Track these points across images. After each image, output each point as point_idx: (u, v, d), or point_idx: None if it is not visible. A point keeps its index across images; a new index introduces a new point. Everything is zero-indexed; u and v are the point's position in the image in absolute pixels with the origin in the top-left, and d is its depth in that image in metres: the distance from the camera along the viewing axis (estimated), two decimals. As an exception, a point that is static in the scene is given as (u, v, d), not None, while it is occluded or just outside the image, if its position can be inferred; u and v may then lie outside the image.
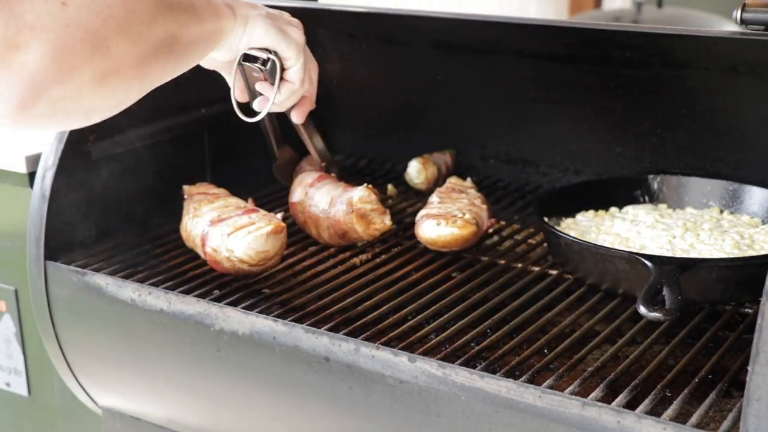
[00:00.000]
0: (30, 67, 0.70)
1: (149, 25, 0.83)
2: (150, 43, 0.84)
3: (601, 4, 4.44)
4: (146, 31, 0.83)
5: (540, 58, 1.57)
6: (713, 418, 1.02)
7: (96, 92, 0.78)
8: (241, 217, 1.32)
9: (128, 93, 0.84)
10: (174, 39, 0.89)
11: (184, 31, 0.91)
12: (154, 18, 0.84)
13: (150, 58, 0.85)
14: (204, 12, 0.96)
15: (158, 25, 0.85)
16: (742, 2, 1.13)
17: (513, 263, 1.38)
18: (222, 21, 1.01)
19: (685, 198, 1.46)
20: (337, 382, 1.11)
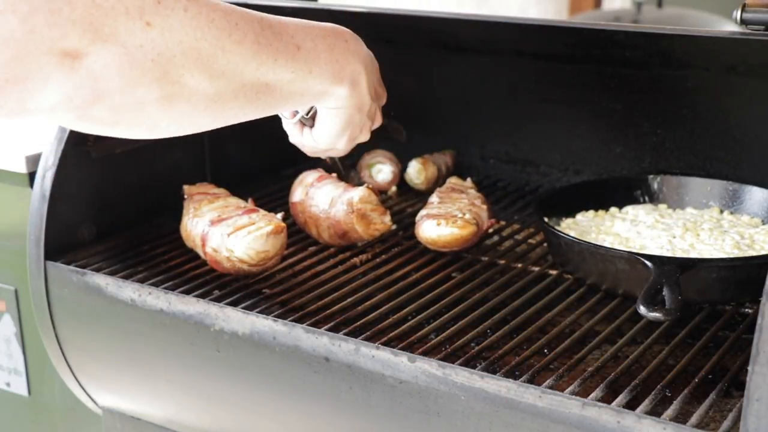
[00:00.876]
0: (95, 73, 0.68)
1: (238, 68, 0.78)
2: (233, 85, 0.79)
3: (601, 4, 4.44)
4: (232, 73, 0.78)
5: (540, 58, 1.57)
6: (713, 418, 1.02)
7: (161, 113, 0.75)
8: (241, 217, 1.32)
9: (197, 123, 0.81)
10: (266, 88, 0.84)
11: (283, 85, 0.85)
12: (246, 62, 0.79)
13: (229, 98, 0.80)
14: (322, 72, 0.90)
15: (250, 70, 0.80)
16: (742, 2, 1.13)
17: (513, 263, 1.38)
18: (337, 88, 0.94)
19: (685, 198, 1.46)
20: (337, 382, 1.11)
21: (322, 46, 0.91)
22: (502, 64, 1.63)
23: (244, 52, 0.79)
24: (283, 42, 0.84)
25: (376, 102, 1.05)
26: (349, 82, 0.95)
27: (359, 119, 1.02)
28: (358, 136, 1.06)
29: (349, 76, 0.95)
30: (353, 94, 0.97)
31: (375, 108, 1.05)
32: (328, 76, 0.91)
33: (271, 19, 0.85)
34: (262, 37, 0.81)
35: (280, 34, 0.84)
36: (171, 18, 0.71)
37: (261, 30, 0.81)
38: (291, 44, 0.85)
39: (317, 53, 0.90)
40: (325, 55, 0.91)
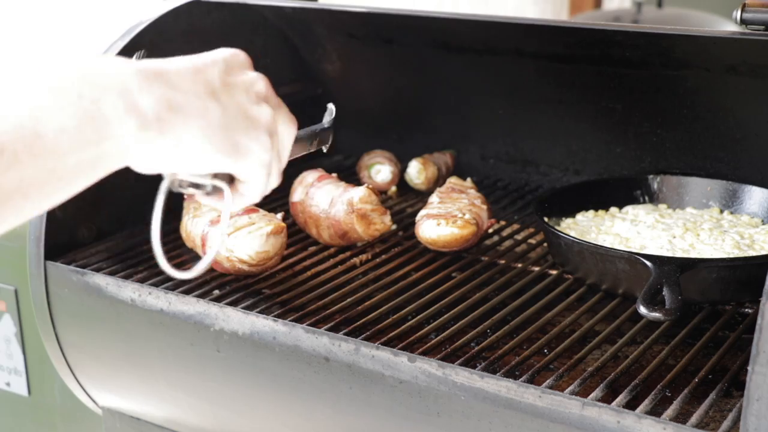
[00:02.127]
0: None
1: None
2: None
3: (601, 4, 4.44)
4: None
5: (540, 58, 1.57)
6: (713, 418, 1.02)
7: None
8: (242, 217, 1.32)
9: None
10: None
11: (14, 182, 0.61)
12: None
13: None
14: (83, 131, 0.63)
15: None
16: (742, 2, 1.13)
17: (513, 263, 1.38)
18: (108, 142, 0.65)
19: (685, 198, 1.46)
20: (337, 382, 1.11)
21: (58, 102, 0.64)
22: (502, 64, 1.63)
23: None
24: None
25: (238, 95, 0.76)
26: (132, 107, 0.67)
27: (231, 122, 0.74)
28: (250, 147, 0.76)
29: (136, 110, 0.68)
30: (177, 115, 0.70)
31: (240, 104, 0.76)
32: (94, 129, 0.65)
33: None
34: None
35: None
36: None
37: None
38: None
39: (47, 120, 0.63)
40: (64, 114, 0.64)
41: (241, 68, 0.78)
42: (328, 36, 1.74)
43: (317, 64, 1.80)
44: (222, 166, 0.74)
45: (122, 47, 1.44)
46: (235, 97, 0.75)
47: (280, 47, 1.74)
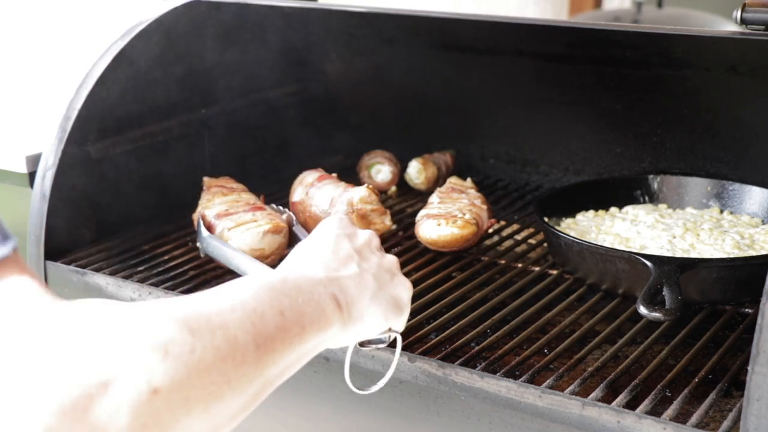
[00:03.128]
0: None
1: (240, 393, 0.67)
2: (233, 409, 0.67)
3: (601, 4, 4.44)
4: (235, 400, 0.66)
5: (540, 58, 1.57)
6: (713, 418, 1.02)
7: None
8: (246, 213, 1.34)
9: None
10: (265, 387, 0.72)
11: (283, 368, 0.73)
12: (249, 382, 0.67)
13: (231, 422, 0.69)
14: (312, 330, 0.75)
15: (252, 385, 0.68)
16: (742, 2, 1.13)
17: (513, 263, 1.38)
18: (326, 332, 0.78)
19: (685, 198, 1.46)
20: (337, 382, 1.11)
21: (302, 299, 0.76)
22: (502, 64, 1.63)
23: (248, 370, 0.67)
24: (273, 326, 0.71)
25: (371, 256, 0.88)
26: (350, 311, 0.81)
27: (389, 290, 0.88)
28: (407, 302, 0.90)
29: (338, 303, 0.80)
30: (365, 303, 0.83)
31: (377, 262, 0.88)
32: (320, 323, 0.77)
33: (253, 303, 0.70)
34: (259, 339, 0.68)
35: (264, 318, 0.70)
36: (180, 373, 0.59)
37: (255, 334, 0.68)
38: (280, 325, 0.72)
39: (302, 312, 0.75)
40: (309, 308, 0.76)
41: (353, 231, 0.90)
42: (328, 36, 1.74)
43: (317, 64, 1.80)
44: (391, 322, 0.88)
45: (122, 47, 1.44)
46: (370, 259, 0.87)
47: (280, 47, 1.74)
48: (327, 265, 0.82)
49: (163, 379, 0.57)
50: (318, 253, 0.84)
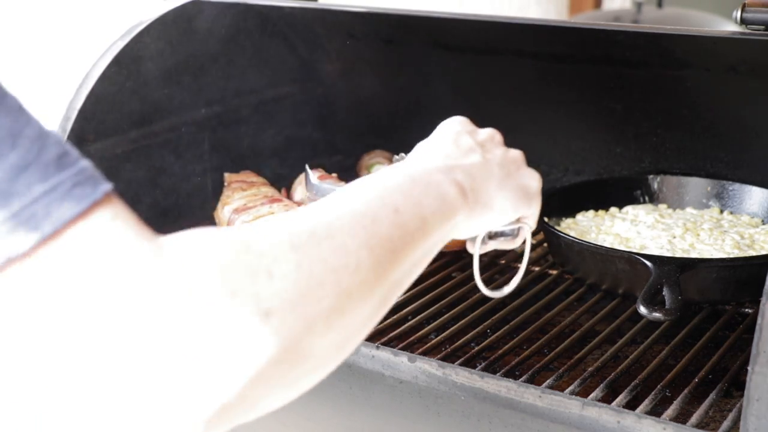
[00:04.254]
0: (215, 407, 0.53)
1: (362, 303, 0.63)
2: (360, 320, 0.64)
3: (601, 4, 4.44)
4: (358, 311, 0.63)
5: (540, 58, 1.57)
6: (713, 418, 1.02)
7: (284, 398, 0.64)
8: (264, 206, 1.37)
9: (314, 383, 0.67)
10: (391, 292, 0.68)
11: (408, 268, 0.69)
12: (369, 291, 0.64)
13: (363, 330, 0.66)
14: (435, 220, 0.71)
15: (374, 294, 0.64)
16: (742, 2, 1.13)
17: (513, 263, 1.38)
18: (451, 221, 0.74)
19: (685, 198, 1.46)
20: (337, 382, 1.11)
21: (418, 191, 0.73)
22: (502, 64, 1.63)
23: (366, 276, 0.63)
24: (388, 224, 0.67)
25: (495, 149, 0.87)
26: (475, 198, 0.79)
27: (516, 180, 0.86)
28: (537, 192, 0.89)
29: (463, 192, 0.77)
30: (491, 190, 0.81)
31: (502, 154, 0.87)
32: (443, 214, 0.74)
33: (360, 207, 0.67)
34: (373, 242, 0.65)
35: (377, 219, 0.67)
36: (289, 292, 0.57)
37: (368, 237, 0.65)
38: (397, 223, 0.68)
39: (421, 204, 0.71)
40: (428, 199, 0.73)
41: (474, 128, 0.88)
42: (328, 36, 1.74)
43: (317, 64, 1.80)
44: (521, 210, 0.85)
45: (122, 47, 1.44)
46: (493, 150, 0.85)
47: (280, 47, 1.74)
48: (447, 155, 0.79)
49: (271, 300, 0.55)
50: (438, 146, 0.81)
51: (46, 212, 0.48)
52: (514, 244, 0.91)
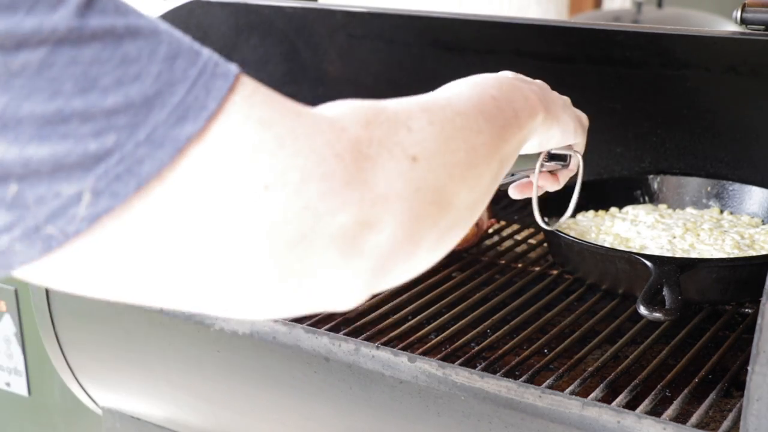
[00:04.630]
0: (383, 248, 0.56)
1: (487, 163, 0.69)
2: (485, 182, 0.70)
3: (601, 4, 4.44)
4: (484, 171, 0.69)
5: (540, 58, 1.57)
6: (713, 418, 1.02)
7: (429, 256, 0.64)
8: None
9: (451, 246, 0.68)
10: (501, 166, 0.74)
11: (510, 150, 0.75)
12: (491, 153, 0.70)
13: (485, 198, 0.72)
14: (523, 116, 0.78)
15: (494, 159, 0.71)
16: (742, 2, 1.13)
17: (513, 263, 1.38)
18: (535, 121, 0.82)
19: (685, 198, 1.46)
20: (337, 382, 1.11)
21: (506, 90, 0.79)
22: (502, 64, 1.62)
23: (487, 144, 0.69)
24: (492, 107, 0.74)
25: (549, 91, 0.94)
26: (551, 110, 0.87)
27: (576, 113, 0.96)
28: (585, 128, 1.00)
29: (543, 102, 0.86)
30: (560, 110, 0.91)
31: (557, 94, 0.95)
32: (529, 113, 0.81)
33: (467, 91, 0.74)
34: (486, 115, 0.71)
35: (483, 100, 0.74)
36: (428, 141, 0.61)
37: (480, 111, 0.71)
38: (498, 107, 0.75)
39: (511, 98, 0.79)
40: (516, 95, 0.80)
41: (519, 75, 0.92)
42: (328, 36, 1.74)
43: (317, 64, 1.80)
44: (576, 136, 0.94)
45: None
46: (548, 91, 0.92)
47: (280, 47, 1.74)
48: (516, 76, 0.86)
49: (415, 148, 0.60)
50: (499, 77, 0.86)
51: (206, 91, 0.51)
52: (563, 175, 1.01)
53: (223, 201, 0.51)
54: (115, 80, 0.49)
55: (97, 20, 0.49)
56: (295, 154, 0.53)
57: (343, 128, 0.56)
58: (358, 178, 0.55)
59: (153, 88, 0.50)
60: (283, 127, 0.53)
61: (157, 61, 0.50)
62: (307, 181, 0.52)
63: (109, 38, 0.49)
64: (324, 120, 0.56)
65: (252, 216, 0.51)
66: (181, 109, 0.50)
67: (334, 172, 0.53)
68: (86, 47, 0.48)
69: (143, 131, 0.49)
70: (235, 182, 0.51)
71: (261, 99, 0.54)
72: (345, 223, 0.54)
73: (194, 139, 0.50)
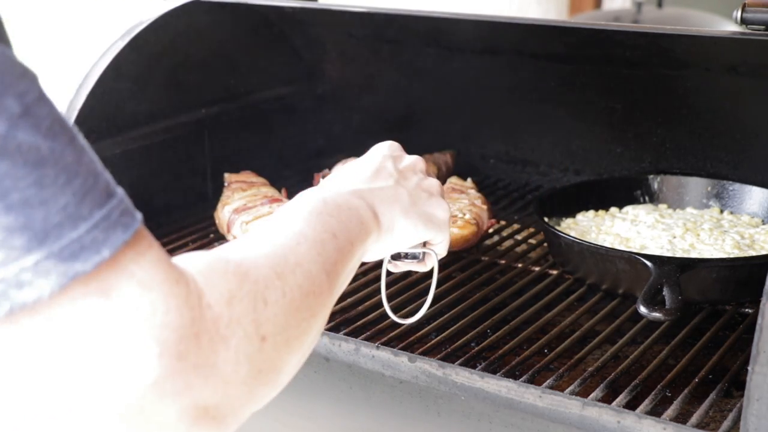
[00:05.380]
0: (217, 426, 0.58)
1: (323, 318, 0.70)
2: (316, 337, 0.70)
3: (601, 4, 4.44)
4: (318, 327, 0.69)
5: (540, 58, 1.57)
6: (713, 418, 1.02)
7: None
8: (264, 206, 1.38)
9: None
10: (331, 305, 0.74)
11: (343, 284, 0.76)
12: (328, 306, 0.71)
13: (308, 354, 0.71)
14: (358, 242, 0.78)
15: (328, 308, 0.72)
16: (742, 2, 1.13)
17: (513, 263, 1.38)
18: (366, 243, 0.81)
19: (685, 198, 1.46)
20: (337, 382, 1.11)
21: (344, 216, 0.79)
22: (502, 64, 1.63)
23: (325, 299, 0.70)
24: (332, 249, 0.74)
25: (405, 180, 0.91)
26: (384, 221, 0.85)
27: (423, 208, 0.90)
28: (443, 220, 0.92)
29: (375, 215, 0.84)
30: (396, 216, 0.86)
31: (416, 182, 0.91)
32: (362, 234, 0.81)
33: (311, 234, 0.73)
34: (328, 267, 0.71)
35: (324, 244, 0.73)
36: (279, 317, 0.62)
37: (323, 263, 0.71)
38: (337, 247, 0.75)
39: (347, 228, 0.78)
40: (351, 223, 0.79)
41: (401, 154, 0.93)
42: (328, 36, 1.74)
43: (317, 64, 1.80)
44: (423, 236, 0.90)
45: (122, 47, 1.44)
46: (410, 179, 0.90)
47: (280, 47, 1.74)
48: (363, 179, 0.86)
49: (266, 326, 0.61)
50: (359, 169, 0.87)
51: (104, 237, 0.52)
52: (423, 267, 0.96)
53: (84, 350, 0.52)
54: (23, 200, 0.49)
55: (25, 135, 0.49)
56: (162, 326, 0.53)
57: (209, 305, 0.57)
58: (208, 361, 0.56)
59: (56, 218, 0.50)
60: (159, 294, 0.54)
61: (69, 192, 0.50)
62: (164, 356, 0.53)
63: (31, 156, 0.49)
64: (195, 293, 0.56)
65: (106, 374, 0.52)
66: (76, 247, 0.50)
67: (189, 353, 0.54)
68: (6, 159, 0.48)
69: (33, 257, 0.49)
70: (100, 337, 0.52)
71: (149, 259, 0.54)
72: (185, 406, 0.55)
73: (79, 281, 0.51)
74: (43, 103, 0.51)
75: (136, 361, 0.52)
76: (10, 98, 0.49)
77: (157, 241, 0.57)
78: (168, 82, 1.55)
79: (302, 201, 0.77)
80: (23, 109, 0.49)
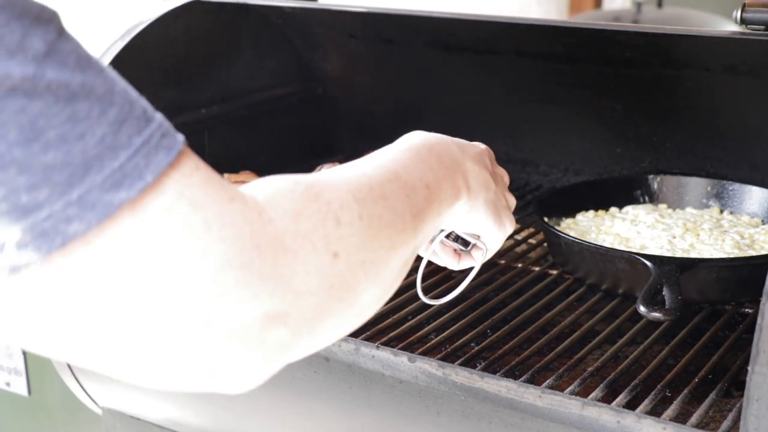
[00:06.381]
0: (285, 342, 0.58)
1: (401, 259, 0.70)
2: (395, 277, 0.71)
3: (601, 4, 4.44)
4: (396, 266, 0.70)
5: (540, 58, 1.57)
6: (713, 418, 1.02)
7: (332, 337, 0.65)
8: None
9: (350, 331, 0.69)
10: (412, 258, 0.74)
11: (423, 241, 0.76)
12: (407, 249, 0.71)
13: (390, 291, 0.72)
14: (445, 205, 0.79)
15: (408, 253, 0.72)
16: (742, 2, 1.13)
17: (513, 263, 1.38)
18: (453, 208, 0.82)
19: (685, 198, 1.46)
20: (337, 382, 1.11)
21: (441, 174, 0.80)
22: (502, 64, 1.63)
23: (407, 237, 0.70)
24: (422, 198, 0.75)
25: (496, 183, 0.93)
26: (472, 196, 0.85)
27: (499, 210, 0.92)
28: (507, 233, 0.94)
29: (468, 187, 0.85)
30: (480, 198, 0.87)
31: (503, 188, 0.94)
32: (452, 195, 0.82)
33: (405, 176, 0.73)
34: (413, 210, 0.72)
35: (415, 190, 0.74)
36: (353, 237, 0.63)
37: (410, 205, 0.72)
38: (427, 198, 0.76)
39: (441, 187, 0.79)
40: (446, 184, 0.80)
41: (493, 161, 0.95)
42: (328, 36, 1.74)
43: (317, 64, 1.80)
44: (488, 232, 0.91)
45: (122, 47, 1.44)
46: (499, 183, 0.92)
47: (280, 47, 1.74)
48: (470, 156, 0.86)
49: (339, 244, 0.61)
50: (466, 146, 0.88)
51: (146, 162, 0.51)
52: (461, 263, 0.98)
53: (142, 272, 0.52)
54: (60, 136, 0.49)
55: (54, 72, 0.49)
56: (219, 240, 0.53)
57: (270, 220, 0.57)
58: (275, 272, 0.56)
59: (94, 150, 0.50)
60: (212, 211, 0.54)
61: (104, 123, 0.50)
62: (225, 269, 0.53)
63: (62, 93, 0.49)
64: (254, 209, 0.56)
65: (167, 292, 0.52)
66: (119, 176, 0.50)
67: (252, 264, 0.54)
68: (37, 99, 0.48)
69: (77, 191, 0.49)
70: (156, 257, 0.52)
71: (198, 179, 0.54)
72: (253, 314, 0.55)
73: (125, 208, 0.51)
74: (67, 39, 0.51)
75: (197, 276, 0.52)
76: (35, 38, 0.49)
77: (205, 162, 0.56)
78: (168, 82, 1.55)
79: (411, 142, 0.79)
80: (48, 48, 0.49)
